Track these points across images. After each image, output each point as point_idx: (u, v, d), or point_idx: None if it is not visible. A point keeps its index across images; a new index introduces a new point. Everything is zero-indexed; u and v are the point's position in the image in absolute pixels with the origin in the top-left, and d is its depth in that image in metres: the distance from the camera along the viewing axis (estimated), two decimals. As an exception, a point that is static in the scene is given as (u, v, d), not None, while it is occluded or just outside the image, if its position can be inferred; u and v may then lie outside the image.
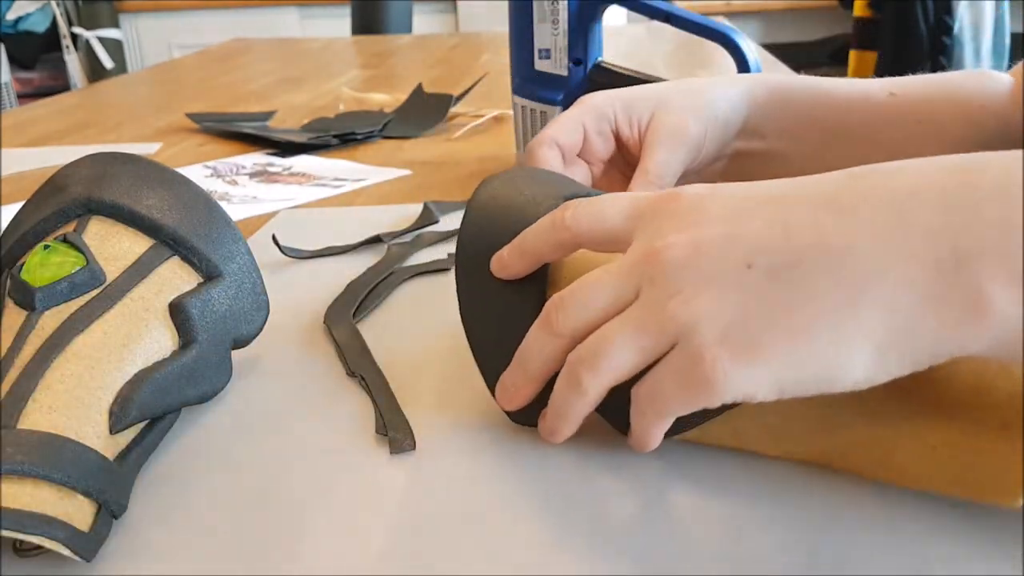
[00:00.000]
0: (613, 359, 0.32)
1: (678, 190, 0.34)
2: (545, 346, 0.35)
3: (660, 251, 0.32)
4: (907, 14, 2.26)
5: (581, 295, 0.34)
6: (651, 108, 0.58)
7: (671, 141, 0.56)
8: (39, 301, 0.38)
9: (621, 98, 0.59)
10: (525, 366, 0.36)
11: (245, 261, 0.43)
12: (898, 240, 0.29)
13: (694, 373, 0.30)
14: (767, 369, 0.29)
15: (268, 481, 0.37)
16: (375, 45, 1.97)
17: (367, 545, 0.33)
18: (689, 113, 0.57)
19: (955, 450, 0.32)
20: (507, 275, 0.38)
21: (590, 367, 0.33)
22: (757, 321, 0.30)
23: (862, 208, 0.30)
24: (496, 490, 0.36)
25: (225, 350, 0.42)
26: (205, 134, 1.07)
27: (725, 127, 0.59)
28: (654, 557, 0.31)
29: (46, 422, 0.33)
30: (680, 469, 0.36)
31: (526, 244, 0.38)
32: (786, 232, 0.30)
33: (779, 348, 0.29)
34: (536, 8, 0.75)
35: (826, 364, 0.29)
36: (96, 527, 0.32)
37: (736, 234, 0.31)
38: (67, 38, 3.33)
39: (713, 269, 0.31)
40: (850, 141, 0.59)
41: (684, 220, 0.33)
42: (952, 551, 0.31)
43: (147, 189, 0.43)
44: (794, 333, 0.29)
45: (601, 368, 0.32)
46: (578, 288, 0.34)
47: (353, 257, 0.63)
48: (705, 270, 0.31)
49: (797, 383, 0.29)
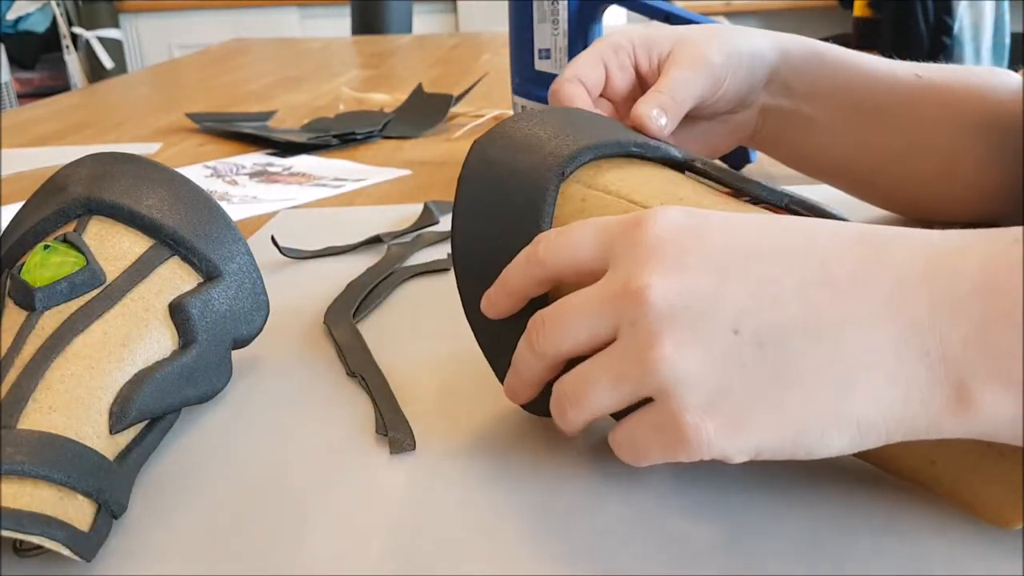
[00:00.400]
0: (594, 401, 0.32)
1: (651, 216, 0.32)
2: (531, 362, 0.35)
3: (641, 291, 0.30)
4: (907, 14, 2.27)
5: (561, 321, 0.33)
6: (671, 42, 0.56)
7: (690, 64, 0.54)
8: (39, 301, 0.38)
9: (640, 34, 0.57)
10: (519, 374, 0.36)
11: (245, 261, 0.43)
12: (889, 328, 0.29)
13: (674, 433, 0.30)
14: (747, 439, 0.29)
15: (268, 481, 0.37)
16: (375, 45, 1.97)
17: (367, 545, 0.33)
18: (711, 44, 0.55)
19: (953, 467, 0.32)
20: (498, 315, 0.38)
21: (573, 404, 0.33)
22: (742, 393, 0.29)
23: (854, 290, 0.29)
24: (495, 490, 0.36)
25: (225, 350, 0.42)
26: (205, 134, 1.07)
27: (751, 71, 0.57)
28: (654, 557, 0.31)
29: (46, 422, 0.33)
30: (680, 470, 0.36)
31: (509, 284, 0.37)
32: (774, 301, 0.30)
33: (763, 422, 0.29)
34: (536, 8, 0.75)
35: (807, 440, 0.29)
36: (96, 527, 0.32)
37: (723, 293, 0.30)
38: (67, 38, 3.33)
39: (698, 327, 0.30)
40: (876, 116, 0.58)
41: (664, 261, 0.31)
42: (952, 551, 0.31)
43: (147, 189, 0.43)
44: (779, 410, 0.29)
45: (582, 406, 0.32)
46: (559, 313, 0.33)
47: (353, 257, 0.63)
48: (689, 326, 0.30)
49: (774, 453, 0.30)
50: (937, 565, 0.30)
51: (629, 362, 0.31)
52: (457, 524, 0.34)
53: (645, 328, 0.30)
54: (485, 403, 0.42)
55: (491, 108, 1.08)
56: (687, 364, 0.29)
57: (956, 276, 0.29)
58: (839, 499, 0.34)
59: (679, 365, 0.29)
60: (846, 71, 0.59)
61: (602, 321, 0.32)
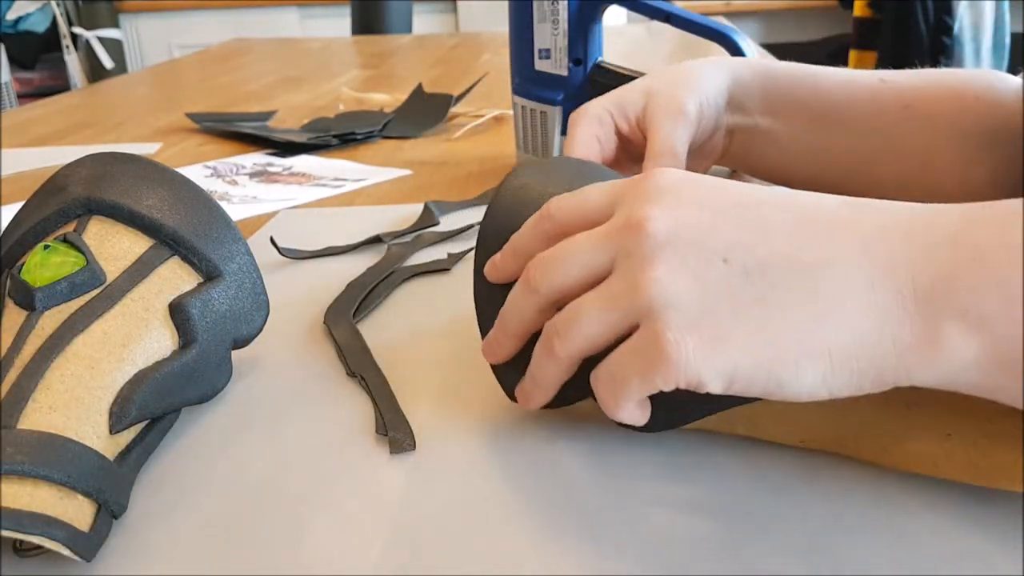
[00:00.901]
0: (583, 328, 0.33)
1: (655, 171, 0.35)
2: (523, 302, 0.36)
3: (640, 222, 0.32)
4: (907, 14, 2.27)
5: (560, 256, 0.35)
6: (642, 98, 0.61)
7: (670, 117, 0.59)
8: (39, 301, 0.38)
9: (611, 100, 0.62)
10: (505, 323, 0.37)
11: (245, 261, 0.43)
12: (866, 267, 0.30)
13: (654, 352, 0.30)
14: (724, 360, 0.30)
15: (268, 481, 0.37)
16: (375, 45, 1.97)
17: (367, 545, 0.33)
18: (680, 89, 0.60)
19: (968, 437, 0.32)
20: (501, 278, 0.39)
21: (562, 335, 0.34)
22: (725, 315, 0.30)
23: (837, 233, 0.31)
24: (496, 490, 0.36)
25: (225, 350, 0.42)
26: (205, 134, 1.07)
27: (717, 100, 0.61)
28: (654, 557, 0.31)
29: (46, 422, 0.33)
30: (680, 469, 0.36)
31: (517, 244, 0.38)
32: (762, 237, 0.31)
33: (742, 343, 0.30)
34: (536, 8, 0.75)
35: (781, 368, 0.30)
36: (96, 527, 0.32)
37: (717, 227, 0.32)
38: (67, 38, 3.33)
39: (691, 253, 0.31)
40: (837, 123, 0.60)
41: (664, 199, 0.33)
42: (952, 551, 0.31)
43: (147, 189, 0.43)
44: (760, 334, 0.30)
45: (572, 335, 0.33)
46: (558, 249, 0.35)
47: (353, 257, 0.63)
48: (683, 252, 0.31)
49: (747, 381, 0.30)
50: (937, 565, 0.30)
51: (621, 288, 0.32)
52: (457, 524, 0.34)
53: (640, 255, 0.32)
54: (485, 403, 0.42)
55: (491, 108, 1.08)
56: (676, 286, 0.31)
57: (933, 226, 0.31)
58: (839, 499, 0.34)
59: (669, 287, 0.31)
60: (797, 84, 0.62)
61: (599, 256, 0.34)
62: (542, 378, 0.36)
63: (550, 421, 0.40)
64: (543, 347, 0.35)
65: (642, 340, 0.31)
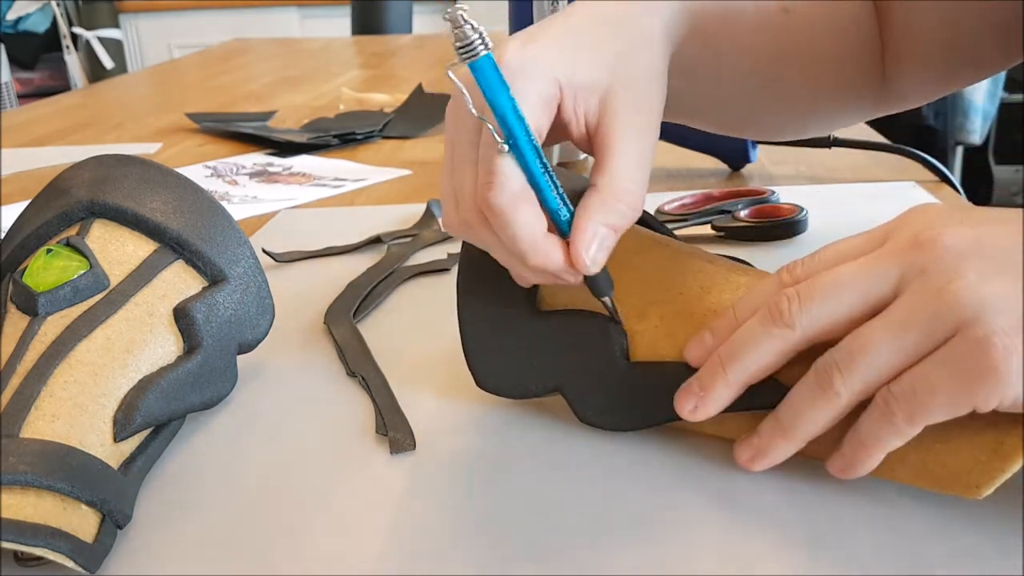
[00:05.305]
0: (871, 361, 0.29)
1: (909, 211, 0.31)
2: (769, 341, 0.31)
3: (935, 239, 0.29)
4: None
5: (825, 287, 0.30)
6: (598, 93, 0.37)
7: (639, 133, 0.37)
8: (42, 306, 0.37)
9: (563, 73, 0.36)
10: (737, 361, 0.32)
11: (250, 265, 0.43)
12: None
13: (978, 362, 0.27)
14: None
15: (268, 481, 0.37)
16: (375, 45, 1.97)
17: (367, 545, 0.33)
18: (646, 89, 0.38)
19: (923, 442, 0.31)
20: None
21: (846, 367, 0.29)
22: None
23: None
24: (495, 490, 0.36)
25: (231, 355, 0.42)
26: (205, 134, 1.08)
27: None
28: (654, 557, 0.31)
29: (49, 431, 0.33)
30: (680, 470, 0.36)
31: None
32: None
33: None
34: (536, 8, 0.75)
35: None
36: (100, 538, 0.32)
37: (1012, 235, 0.29)
38: (67, 38, 3.33)
39: (1001, 260, 0.28)
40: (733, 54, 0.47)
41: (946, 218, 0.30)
42: (952, 551, 0.31)
43: (151, 192, 0.42)
44: None
45: (857, 368, 0.29)
46: (819, 280, 0.31)
47: (353, 257, 0.63)
48: (992, 259, 0.28)
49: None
50: (937, 565, 0.30)
51: (919, 306, 0.28)
52: (457, 524, 0.34)
53: (940, 269, 0.28)
54: (485, 403, 0.42)
55: (491, 108, 1.07)
56: (993, 288, 0.27)
57: None
58: (839, 499, 0.34)
59: (985, 290, 0.27)
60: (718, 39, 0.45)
61: (880, 282, 0.29)
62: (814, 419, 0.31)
63: (550, 421, 0.40)
64: (816, 390, 0.30)
65: (957, 351, 0.27)
